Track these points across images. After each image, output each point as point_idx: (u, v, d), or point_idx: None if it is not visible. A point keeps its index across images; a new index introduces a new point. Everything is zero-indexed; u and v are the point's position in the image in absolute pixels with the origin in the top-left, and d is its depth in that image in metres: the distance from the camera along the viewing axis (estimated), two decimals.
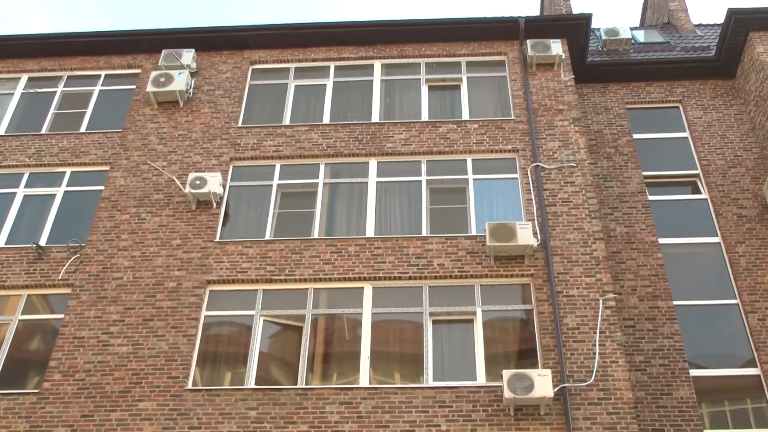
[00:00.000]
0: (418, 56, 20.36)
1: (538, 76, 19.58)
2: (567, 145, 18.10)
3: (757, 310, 16.98)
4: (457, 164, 18.17)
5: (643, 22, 28.80)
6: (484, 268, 16.17)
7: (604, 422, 14.06)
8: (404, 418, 14.29)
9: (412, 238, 16.69)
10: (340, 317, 15.88)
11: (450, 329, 15.70)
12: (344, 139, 18.61)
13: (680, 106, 21.07)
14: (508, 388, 13.93)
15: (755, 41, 20.54)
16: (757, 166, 19.50)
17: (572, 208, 16.98)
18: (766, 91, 19.70)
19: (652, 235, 18.19)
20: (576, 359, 14.84)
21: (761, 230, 18.29)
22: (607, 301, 15.59)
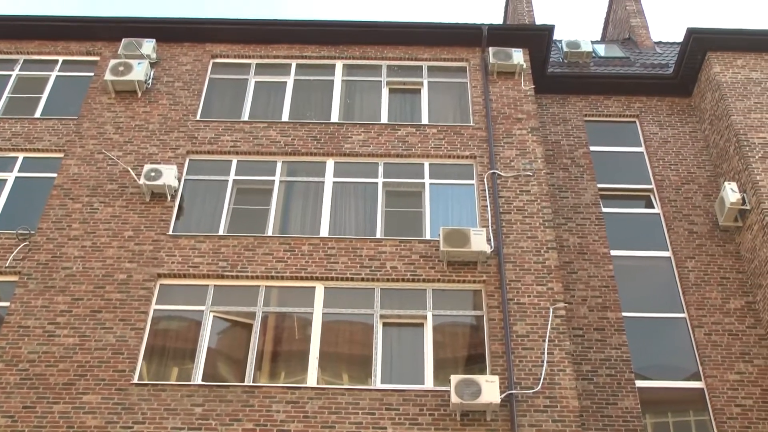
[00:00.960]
0: (380, 58, 20.36)
1: (498, 84, 19.68)
2: (524, 154, 18.21)
3: (704, 325, 17.23)
4: (415, 168, 18.19)
5: (605, 37, 29.09)
6: (437, 273, 16.21)
7: (549, 429, 14.16)
8: (350, 420, 14.26)
9: (366, 240, 16.68)
10: (291, 316, 15.81)
11: (400, 332, 15.71)
12: (302, 137, 18.54)
13: (637, 121, 21.30)
14: (456, 393, 13.97)
15: (713, 61, 20.84)
16: (709, 184, 19.78)
17: (527, 217, 17.09)
18: (721, 110, 19.99)
19: (605, 247, 18.37)
20: (524, 366, 14.93)
21: (711, 247, 18.56)
22: (557, 310, 15.70)
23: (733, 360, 16.77)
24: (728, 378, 16.50)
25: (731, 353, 16.86)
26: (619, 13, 27.84)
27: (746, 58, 20.95)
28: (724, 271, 18.14)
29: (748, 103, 19.83)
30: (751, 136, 19.11)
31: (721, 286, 17.91)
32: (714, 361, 16.72)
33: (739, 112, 19.62)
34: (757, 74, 20.53)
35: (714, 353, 16.83)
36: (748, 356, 16.85)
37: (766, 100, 19.92)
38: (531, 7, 25.65)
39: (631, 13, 26.76)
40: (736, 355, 16.84)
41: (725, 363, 16.70)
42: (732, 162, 19.25)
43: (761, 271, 17.53)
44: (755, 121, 19.44)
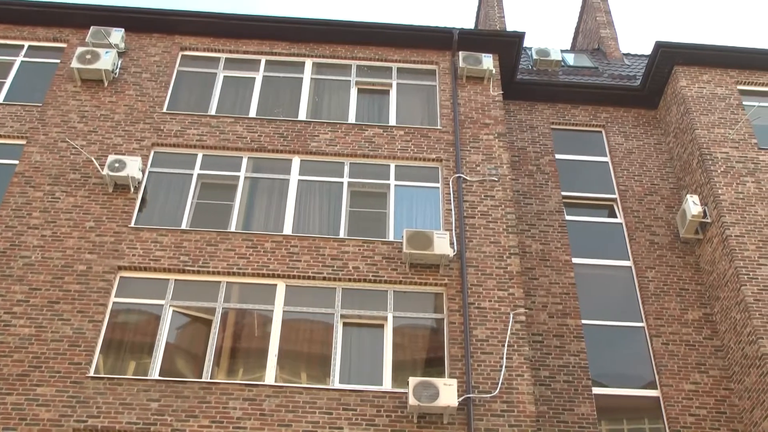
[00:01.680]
0: (349, 58, 20.31)
1: (467, 89, 19.72)
2: (490, 159, 18.26)
3: (662, 335, 17.39)
4: (380, 169, 18.18)
5: (574, 46, 29.30)
6: (399, 275, 16.21)
7: None
8: (307, 419, 14.21)
9: (329, 239, 16.64)
10: (251, 313, 15.73)
11: (360, 333, 15.69)
12: (269, 134, 18.45)
13: (603, 130, 21.46)
14: (414, 395, 13.97)
15: (679, 75, 21.04)
16: (672, 196, 19.97)
17: (490, 222, 17.14)
18: (685, 123, 20.19)
19: (567, 254, 18.48)
20: (483, 371, 14.97)
21: (671, 258, 18.75)
22: (517, 316, 15.77)
23: (689, 370, 16.95)
24: (683, 387, 16.68)
25: (687, 363, 17.04)
26: (589, 24, 28.05)
27: (712, 73, 21.18)
28: (683, 283, 18.33)
29: (712, 117, 20.05)
30: (714, 150, 19.32)
31: (680, 297, 18.10)
32: (670, 370, 16.89)
33: (703, 126, 19.83)
34: (721, 90, 20.76)
35: (671, 363, 17.00)
36: (703, 367, 17.04)
37: (729, 115, 20.15)
38: (502, 13, 25.76)
39: (601, 24, 26.97)
40: (692, 366, 17.03)
41: (681, 373, 16.88)
42: (695, 175, 19.45)
43: (719, 283, 17.73)
44: (719, 135, 19.66)
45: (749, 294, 16.79)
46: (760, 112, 20.53)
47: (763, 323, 16.37)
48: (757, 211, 18.20)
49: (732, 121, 20.04)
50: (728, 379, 16.95)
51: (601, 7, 27.68)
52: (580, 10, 29.05)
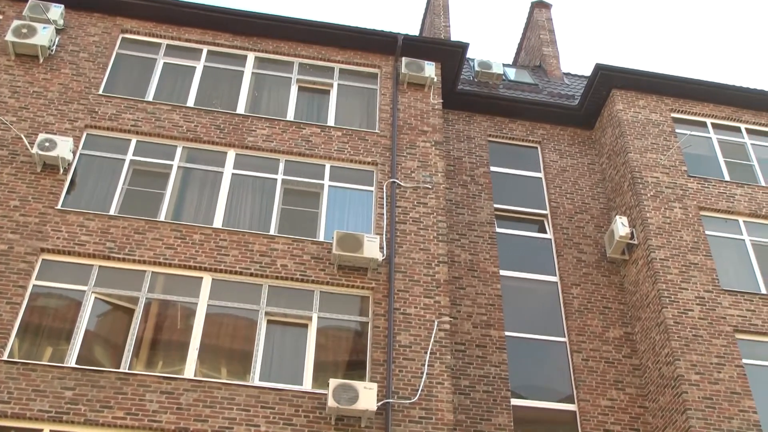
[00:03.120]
0: (292, 55, 20.16)
1: (407, 95, 19.75)
2: (426, 166, 18.31)
3: (582, 350, 17.63)
4: (315, 168, 18.09)
5: (516, 61, 29.56)
6: (327, 275, 16.14)
7: None
8: (224, 415, 14.06)
9: (259, 235, 16.50)
10: (175, 305, 15.51)
11: (284, 331, 15.59)
12: (206, 125, 18.22)
13: (539, 147, 21.68)
14: (333, 397, 13.93)
15: (616, 98, 21.38)
16: (601, 216, 20.27)
17: (421, 229, 17.18)
18: (619, 146, 20.51)
19: (495, 266, 18.62)
20: (404, 376, 14.99)
21: (597, 276, 19.02)
22: (442, 324, 15.82)
23: (607, 386, 17.21)
24: (600, 403, 16.93)
25: (605, 380, 17.31)
26: (532, 41, 28.35)
27: (648, 99, 21.57)
28: (606, 301, 18.61)
29: (645, 142, 20.41)
30: (645, 174, 19.66)
31: (603, 314, 18.37)
32: (588, 385, 17.13)
33: (636, 150, 20.17)
34: (656, 116, 21.15)
35: (589, 378, 17.24)
36: (621, 384, 17.32)
37: (662, 141, 20.53)
38: (448, 22, 25.88)
39: (544, 42, 27.27)
40: (609, 382, 17.30)
41: (599, 389, 17.13)
42: (625, 197, 19.77)
43: (642, 304, 18.04)
44: (650, 160, 20.01)
45: (669, 316, 17.11)
46: (691, 140, 20.96)
47: (680, 345, 16.69)
48: (683, 237, 18.57)
49: (664, 147, 20.42)
50: (644, 398, 17.26)
51: (545, 26, 27.99)
52: (525, 27, 29.34)
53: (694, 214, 19.16)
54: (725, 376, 16.47)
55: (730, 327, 17.30)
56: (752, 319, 17.54)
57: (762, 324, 17.51)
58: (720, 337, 17.07)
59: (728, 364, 16.68)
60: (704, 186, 19.84)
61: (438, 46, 20.62)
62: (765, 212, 19.64)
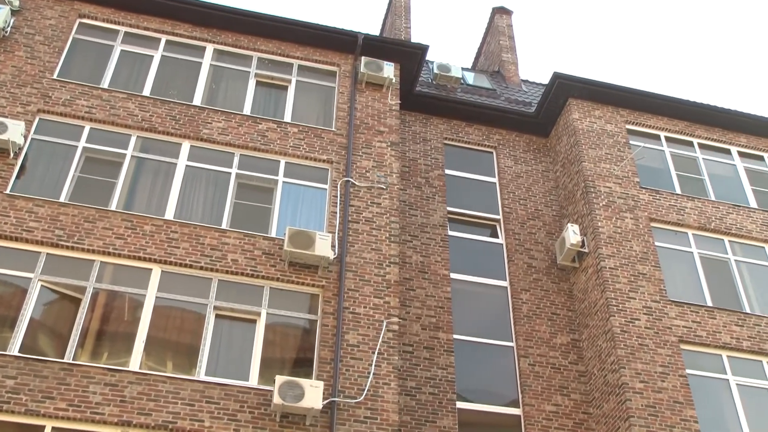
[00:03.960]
0: (252, 49, 20.02)
1: (365, 94, 19.72)
2: (380, 166, 18.30)
3: (529, 356, 17.75)
4: (270, 164, 17.98)
5: (475, 66, 29.68)
6: (277, 272, 16.06)
7: None
8: (168, 409, 13.92)
9: (210, 229, 16.36)
10: (123, 296, 15.32)
11: (232, 326, 15.48)
12: (161, 115, 18.02)
13: (494, 152, 21.79)
14: (279, 394, 13.87)
15: (573, 107, 21.56)
16: (553, 222, 20.42)
17: (374, 229, 17.17)
18: (574, 155, 20.68)
19: (446, 269, 18.67)
20: (350, 375, 14.96)
21: (546, 282, 19.16)
22: (390, 324, 15.82)
23: (552, 392, 17.35)
24: (545, 408, 17.05)
25: (551, 385, 17.44)
26: (492, 46, 28.48)
27: (604, 110, 21.79)
28: (555, 307, 18.76)
29: (599, 152, 20.60)
30: (598, 184, 19.85)
31: (551, 321, 18.52)
32: (534, 390, 17.25)
33: (590, 159, 20.35)
34: (611, 127, 21.36)
35: (535, 383, 17.37)
36: (566, 390, 17.47)
37: (616, 152, 20.74)
38: (409, 24, 25.90)
39: (503, 48, 27.41)
40: (555, 388, 17.44)
41: (544, 394, 17.26)
42: (578, 206, 19.94)
43: (590, 312, 18.21)
44: (604, 170, 20.21)
45: (617, 325, 17.29)
46: (645, 152, 21.21)
47: (626, 354, 16.87)
48: (633, 247, 18.77)
49: (618, 157, 20.63)
50: (588, 404, 17.43)
51: (505, 32, 28.13)
52: (485, 32, 29.46)
53: (645, 225, 19.38)
54: (669, 386, 16.69)
55: (675, 337, 17.53)
56: (697, 331, 17.79)
57: (707, 336, 17.77)
58: (665, 347, 17.29)
59: (672, 373, 16.91)
60: (656, 198, 20.08)
61: (398, 47, 20.63)
62: (714, 226, 19.93)
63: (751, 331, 18.18)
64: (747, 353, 17.91)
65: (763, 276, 19.65)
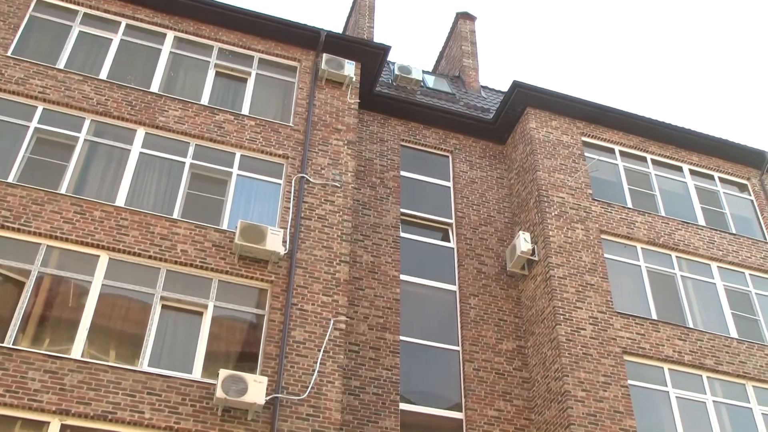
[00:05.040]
0: (213, 39, 19.82)
1: (325, 91, 19.65)
2: (336, 164, 18.25)
3: (474, 360, 17.82)
4: (225, 156, 17.83)
5: (436, 69, 29.74)
6: (227, 265, 15.93)
7: None
8: (109, 399, 13.71)
9: (161, 218, 16.17)
10: (68, 281, 15.07)
11: (178, 317, 15.32)
12: (117, 100, 17.76)
13: (450, 156, 21.85)
14: (222, 388, 13.75)
15: (530, 116, 21.69)
16: (505, 229, 20.53)
17: (326, 226, 17.11)
18: (529, 163, 20.81)
19: (396, 270, 18.68)
20: (295, 372, 14.90)
21: (495, 289, 19.25)
22: (338, 323, 15.79)
23: (495, 397, 17.43)
24: (487, 413, 17.13)
25: (494, 390, 17.53)
26: (454, 50, 28.56)
27: (561, 120, 21.95)
28: (502, 314, 18.86)
29: (554, 162, 20.75)
30: (551, 193, 19.99)
31: (498, 327, 18.61)
32: (477, 395, 17.32)
33: (545, 169, 20.49)
34: (567, 138, 21.53)
35: (479, 388, 17.44)
36: (509, 396, 17.57)
37: (571, 163, 20.91)
38: (372, 23, 25.88)
39: (465, 53, 27.50)
40: (498, 393, 17.53)
41: (487, 399, 17.34)
42: (530, 214, 20.07)
43: (537, 319, 18.33)
44: (558, 180, 20.36)
45: (562, 333, 17.43)
46: (599, 165, 21.41)
47: (570, 362, 17.01)
48: (582, 258, 18.94)
49: (572, 169, 20.80)
50: (530, 410, 17.54)
51: (467, 37, 28.23)
52: (448, 36, 29.54)
53: (595, 236, 19.57)
54: (610, 395, 16.86)
55: (619, 348, 17.71)
56: (641, 343, 18.00)
57: (650, 348, 17.98)
58: (609, 357, 17.47)
59: (614, 383, 17.08)
60: (607, 210, 20.28)
61: (360, 46, 20.60)
62: (662, 241, 20.18)
63: (693, 346, 18.44)
64: (688, 367, 18.18)
65: (707, 292, 19.96)
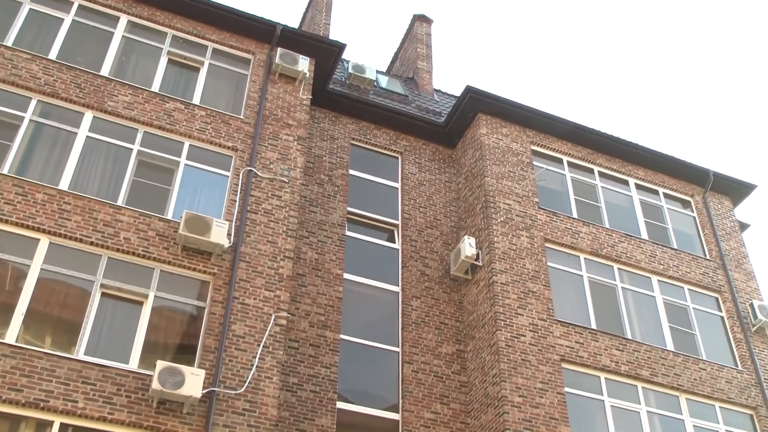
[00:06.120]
0: (167, 26, 19.56)
1: (277, 86, 19.54)
2: (285, 159, 18.16)
3: (414, 362, 17.85)
4: (174, 144, 17.63)
5: (390, 70, 29.75)
6: (170, 255, 15.75)
7: None
8: (42, 386, 13.46)
9: (105, 204, 15.92)
10: (6, 264, 14.76)
11: (117, 306, 15.10)
12: (66, 81, 17.44)
13: (400, 157, 21.87)
14: (158, 379, 13.59)
15: (481, 122, 21.80)
16: (451, 233, 20.61)
17: (272, 221, 17.01)
18: (478, 169, 20.91)
19: (339, 268, 18.64)
20: (233, 366, 14.78)
21: (438, 291, 19.31)
22: (279, 319, 15.71)
23: (432, 399, 17.49)
24: (424, 415, 17.18)
25: (432, 393, 17.58)
26: (409, 52, 28.59)
27: (511, 128, 22.10)
28: (444, 317, 18.93)
29: (503, 169, 20.88)
30: (498, 200, 20.11)
31: (439, 330, 18.67)
32: (415, 397, 17.36)
33: (493, 175, 20.61)
34: (517, 146, 21.68)
35: (416, 390, 17.48)
36: (446, 399, 17.64)
37: (519, 171, 21.06)
38: (329, 20, 25.79)
39: (420, 56, 27.54)
40: (436, 396, 17.59)
41: (425, 401, 17.39)
42: (476, 219, 20.16)
43: (477, 324, 18.43)
44: (505, 187, 20.49)
45: (502, 339, 17.54)
46: (546, 174, 21.59)
47: (509, 368, 17.13)
48: (525, 265, 19.08)
49: (520, 176, 20.95)
50: (467, 414, 17.63)
51: (423, 40, 28.27)
52: (404, 38, 29.56)
53: (540, 244, 19.73)
54: (546, 402, 17.01)
55: (557, 356, 17.88)
56: (579, 351, 18.19)
57: (588, 357, 18.18)
58: (547, 364, 17.63)
59: (551, 390, 17.24)
60: (552, 219, 20.47)
61: (315, 42, 20.52)
62: (605, 252, 20.42)
63: (630, 356, 18.69)
64: (624, 377, 18.42)
65: (646, 305, 20.25)
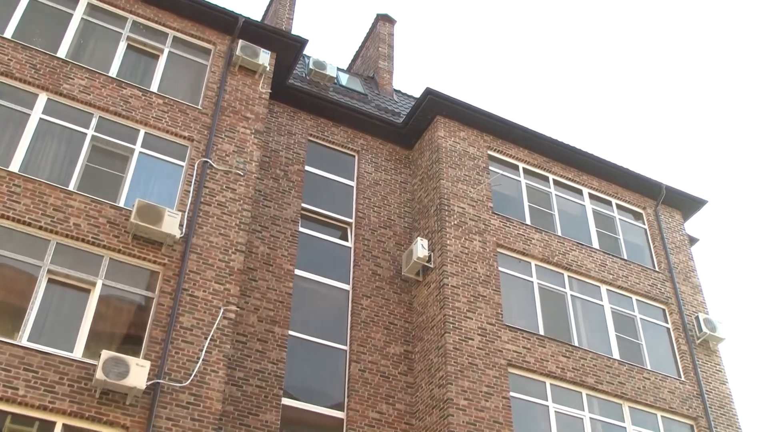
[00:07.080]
0: (128, 11, 19.29)
1: (237, 78, 19.40)
2: (241, 152, 18.03)
3: (361, 361, 17.84)
4: (129, 131, 17.41)
5: (351, 68, 29.72)
6: (120, 243, 15.54)
7: (186, 427, 13.95)
8: None
9: (56, 188, 15.66)
10: None
11: (64, 293, 14.86)
12: (20, 61, 17.11)
13: (356, 156, 21.85)
14: (102, 369, 13.40)
15: (440, 124, 21.85)
16: (404, 234, 20.63)
17: (225, 214, 16.88)
18: (434, 171, 20.96)
19: (291, 264, 18.56)
20: (179, 359, 14.64)
21: (388, 292, 19.32)
22: (227, 312, 15.58)
23: (378, 399, 17.49)
24: (368, 415, 17.17)
25: (378, 393, 17.58)
26: (371, 51, 28.58)
27: (469, 132, 22.18)
28: (393, 317, 18.94)
29: (459, 172, 20.95)
30: (453, 203, 20.17)
31: (387, 330, 18.67)
32: (361, 396, 17.34)
33: (448, 178, 20.66)
34: (473, 150, 21.77)
35: (362, 389, 17.46)
36: (392, 399, 17.64)
37: (475, 175, 21.14)
38: (292, 15, 25.69)
39: (381, 55, 27.55)
40: (382, 396, 17.58)
41: (370, 400, 17.38)
42: (430, 221, 20.20)
43: (426, 326, 18.46)
44: (460, 190, 20.56)
45: (450, 342, 17.59)
46: (502, 180, 21.71)
47: (455, 371, 17.18)
48: (477, 269, 19.15)
49: (476, 181, 21.04)
50: (411, 415, 17.65)
51: (385, 40, 28.29)
52: (366, 36, 29.55)
53: (492, 249, 19.82)
54: (491, 405, 17.10)
55: (504, 360, 17.98)
56: (526, 356, 18.30)
57: (534, 362, 18.31)
58: (494, 368, 17.71)
59: (496, 394, 17.33)
60: (505, 225, 20.57)
61: (277, 36, 20.41)
62: (556, 260, 20.57)
63: (576, 363, 18.85)
64: (569, 383, 18.57)
65: (594, 313, 20.44)
